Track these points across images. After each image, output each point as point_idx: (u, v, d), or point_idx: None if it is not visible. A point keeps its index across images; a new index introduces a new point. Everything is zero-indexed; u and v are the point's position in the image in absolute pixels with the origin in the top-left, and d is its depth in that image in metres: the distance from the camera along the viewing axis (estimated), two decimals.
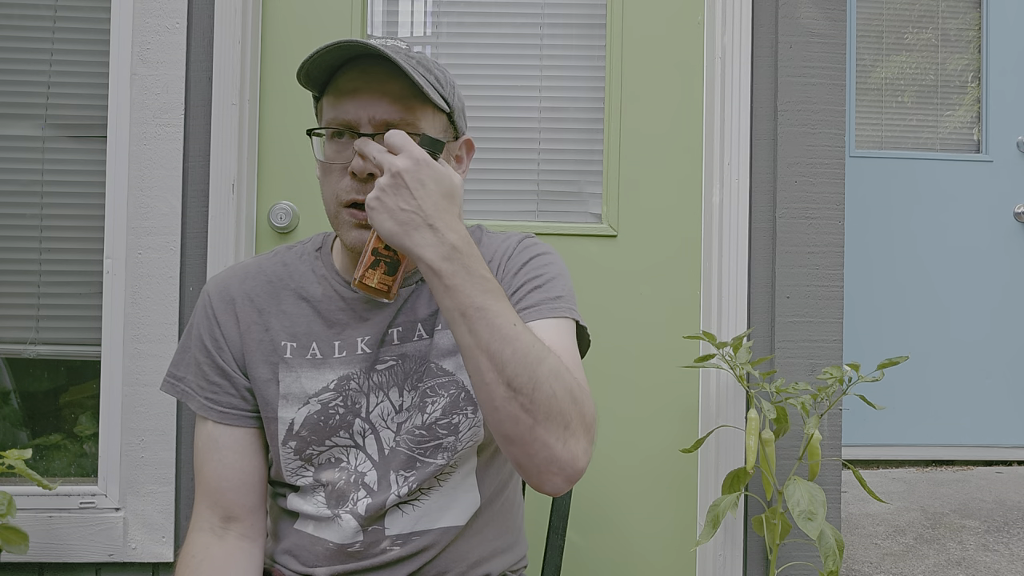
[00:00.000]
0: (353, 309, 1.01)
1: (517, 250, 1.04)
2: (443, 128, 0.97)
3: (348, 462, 0.99)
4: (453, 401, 0.98)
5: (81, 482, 1.66)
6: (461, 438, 0.99)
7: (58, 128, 1.70)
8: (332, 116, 0.93)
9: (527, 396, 0.79)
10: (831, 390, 1.50)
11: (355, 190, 0.91)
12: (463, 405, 0.98)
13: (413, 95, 0.92)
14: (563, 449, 0.82)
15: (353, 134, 0.92)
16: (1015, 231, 2.60)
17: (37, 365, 1.74)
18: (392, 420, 0.99)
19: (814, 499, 1.38)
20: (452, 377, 0.99)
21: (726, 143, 1.67)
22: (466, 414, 0.99)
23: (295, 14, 1.71)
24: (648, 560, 1.69)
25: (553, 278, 1.01)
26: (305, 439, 0.98)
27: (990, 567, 1.84)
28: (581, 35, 1.76)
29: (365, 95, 0.91)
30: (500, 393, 0.80)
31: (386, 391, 0.99)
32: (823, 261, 1.65)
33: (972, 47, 2.64)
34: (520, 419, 0.80)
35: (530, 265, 1.02)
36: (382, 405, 0.99)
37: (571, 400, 0.82)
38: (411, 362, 0.99)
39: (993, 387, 2.58)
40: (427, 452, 0.98)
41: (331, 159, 0.94)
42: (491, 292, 0.81)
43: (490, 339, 0.79)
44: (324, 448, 0.99)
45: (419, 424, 0.98)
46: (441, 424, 0.98)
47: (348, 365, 0.99)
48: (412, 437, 0.98)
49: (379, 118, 0.91)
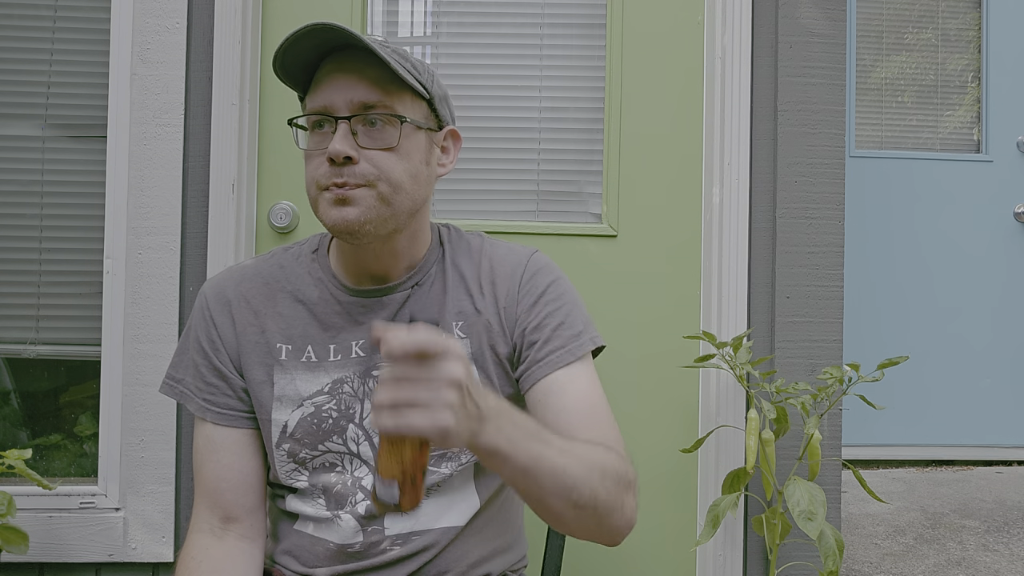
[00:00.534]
0: (348, 312, 1.00)
1: (527, 274, 1.03)
2: (424, 115, 0.97)
3: (344, 468, 0.99)
4: None
5: (81, 482, 1.66)
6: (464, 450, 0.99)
7: (58, 128, 1.70)
8: (311, 105, 0.94)
9: (591, 505, 0.84)
10: (831, 390, 1.50)
11: (334, 175, 0.91)
12: None
13: (390, 80, 0.92)
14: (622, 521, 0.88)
15: (331, 119, 0.92)
16: (1015, 231, 2.60)
17: (37, 365, 1.74)
18: None
19: (814, 499, 1.39)
20: None
21: (726, 143, 1.67)
22: None
23: (295, 14, 1.71)
24: (648, 560, 1.69)
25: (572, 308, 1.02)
26: (299, 441, 0.98)
27: (990, 567, 1.84)
28: (581, 35, 1.76)
29: (341, 79, 0.92)
30: (569, 515, 0.84)
31: None
32: (823, 261, 1.65)
33: (972, 47, 2.64)
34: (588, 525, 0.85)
35: (547, 296, 1.02)
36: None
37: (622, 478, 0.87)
38: None
39: (993, 387, 2.58)
40: (432, 461, 0.98)
41: (312, 148, 0.94)
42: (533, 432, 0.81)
43: (553, 482, 0.80)
44: (318, 453, 0.99)
45: None
46: None
47: (343, 368, 0.99)
48: None
49: (357, 100, 0.91)
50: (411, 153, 0.94)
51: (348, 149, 0.89)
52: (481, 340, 1.00)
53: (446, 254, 1.05)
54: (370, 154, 0.91)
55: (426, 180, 0.98)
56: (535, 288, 1.02)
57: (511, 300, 1.01)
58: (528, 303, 1.01)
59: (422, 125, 0.96)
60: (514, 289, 1.02)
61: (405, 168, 0.93)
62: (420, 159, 0.96)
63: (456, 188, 1.75)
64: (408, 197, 0.95)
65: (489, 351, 1.00)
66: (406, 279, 1.01)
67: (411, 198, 0.95)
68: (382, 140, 0.92)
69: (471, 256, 1.05)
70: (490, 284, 1.03)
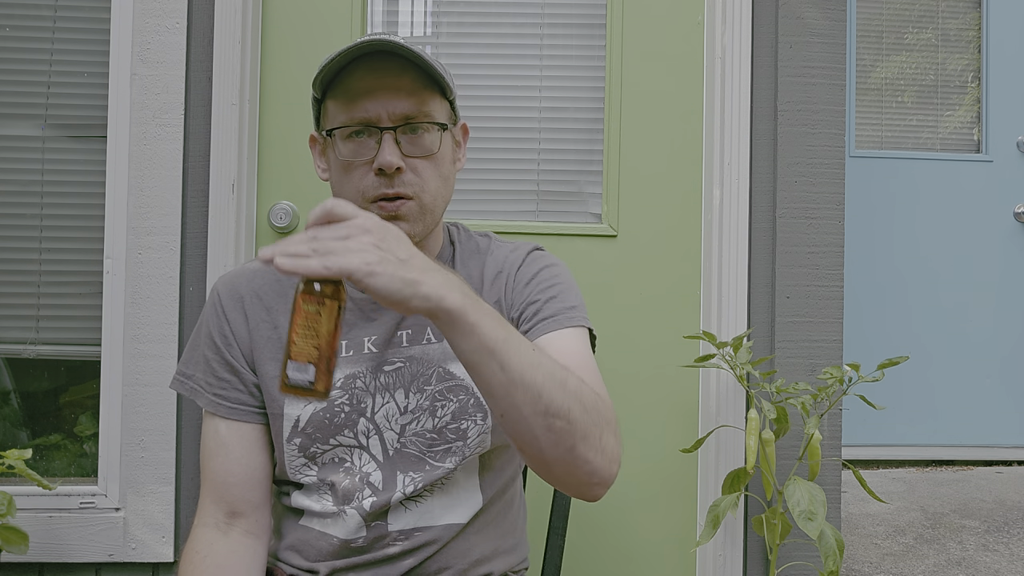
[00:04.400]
0: (360, 309, 1.02)
1: (527, 262, 1.06)
2: (447, 115, 1.01)
3: (352, 463, 0.99)
4: (462, 407, 0.99)
5: (81, 482, 1.66)
6: (470, 444, 0.99)
7: (58, 128, 1.70)
8: (349, 115, 0.95)
9: (564, 418, 0.78)
10: (831, 390, 1.50)
11: (383, 185, 0.94)
12: (472, 411, 0.99)
13: (423, 87, 0.96)
14: (602, 459, 0.82)
15: (373, 130, 0.95)
16: (1015, 231, 2.60)
17: (37, 365, 1.74)
18: (396, 422, 0.99)
19: (814, 499, 1.39)
20: (461, 382, 0.99)
21: (726, 143, 1.67)
22: (475, 420, 0.99)
23: (295, 14, 1.71)
24: (648, 560, 1.69)
25: (566, 288, 1.03)
26: (310, 436, 0.99)
27: (990, 567, 1.84)
28: (581, 35, 1.76)
29: (381, 93, 0.94)
30: (540, 423, 0.78)
31: (392, 392, 0.99)
32: (823, 261, 1.65)
33: (972, 47, 2.64)
34: (561, 442, 0.79)
35: (542, 276, 1.04)
36: (387, 406, 0.99)
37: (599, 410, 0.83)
38: (419, 365, 1.00)
39: (993, 387, 2.58)
40: (437, 455, 0.99)
41: (352, 157, 0.96)
42: (502, 321, 0.78)
43: (523, 368, 0.76)
44: (328, 447, 0.99)
45: (430, 428, 0.98)
46: (451, 429, 0.98)
47: (355, 364, 1.00)
48: (423, 440, 0.98)
49: (398, 112, 0.94)
50: (444, 156, 1.00)
51: (398, 160, 0.93)
52: None
53: (456, 254, 1.08)
54: (413, 162, 0.96)
55: (452, 179, 1.03)
56: (530, 271, 1.04)
57: (509, 288, 1.04)
58: (523, 284, 1.03)
59: (449, 127, 1.00)
60: (511, 279, 1.04)
61: (440, 173, 0.98)
62: (449, 159, 1.02)
63: (456, 188, 1.74)
64: (443, 200, 1.01)
65: None
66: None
67: (444, 200, 1.01)
68: (423, 148, 0.96)
69: (478, 257, 1.08)
70: (492, 282, 1.05)
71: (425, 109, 0.96)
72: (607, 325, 1.69)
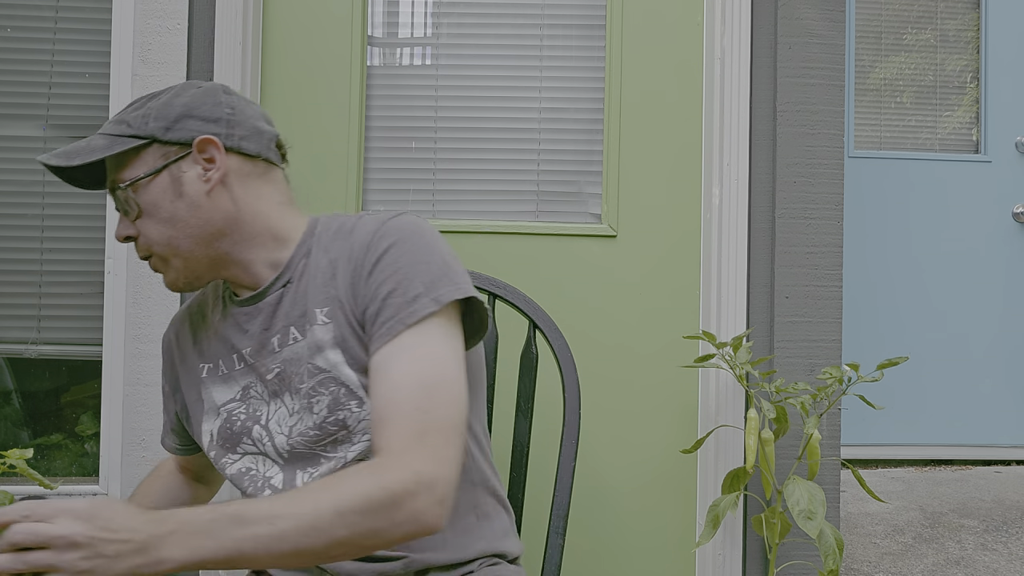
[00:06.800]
0: (237, 322, 1.03)
1: (372, 245, 0.95)
2: (161, 155, 0.95)
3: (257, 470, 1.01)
4: (335, 399, 0.96)
5: (82, 482, 1.67)
6: (353, 432, 0.96)
7: (59, 128, 1.70)
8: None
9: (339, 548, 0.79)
10: (830, 390, 1.51)
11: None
12: (345, 401, 0.95)
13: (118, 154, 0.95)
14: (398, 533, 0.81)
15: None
16: (1014, 231, 2.60)
17: (38, 365, 1.74)
18: (285, 424, 0.99)
19: (813, 498, 1.39)
20: (329, 374, 0.96)
21: (725, 143, 1.67)
22: (350, 409, 0.95)
23: (295, 15, 1.72)
24: (648, 560, 1.70)
25: (410, 270, 0.92)
26: (220, 447, 1.03)
27: (989, 566, 1.85)
28: (581, 36, 1.77)
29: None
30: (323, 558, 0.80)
31: (281, 397, 1.00)
32: (822, 261, 1.66)
33: (971, 47, 2.64)
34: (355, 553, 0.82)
35: (383, 263, 0.94)
36: (280, 411, 1.00)
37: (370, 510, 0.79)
38: (292, 365, 0.98)
39: (992, 387, 2.59)
40: (328, 448, 0.97)
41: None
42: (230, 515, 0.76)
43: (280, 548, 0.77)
44: (237, 456, 1.02)
45: (312, 425, 0.96)
46: (331, 422, 0.96)
47: (247, 375, 1.03)
48: (308, 438, 0.97)
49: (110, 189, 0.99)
50: (157, 203, 0.95)
51: (124, 231, 0.98)
52: (341, 322, 0.96)
53: (313, 245, 1.01)
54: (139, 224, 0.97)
55: (194, 206, 0.96)
56: (373, 256, 0.95)
57: (357, 274, 0.95)
58: (366, 275, 0.94)
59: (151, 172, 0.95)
60: (360, 262, 0.96)
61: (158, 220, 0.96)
62: (168, 199, 0.95)
63: (456, 189, 1.75)
64: (187, 237, 0.96)
65: (350, 332, 0.96)
66: (275, 281, 1.00)
67: (190, 235, 0.96)
68: (132, 212, 0.97)
69: (343, 237, 1.00)
70: (346, 261, 0.97)
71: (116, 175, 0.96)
72: (606, 326, 1.69)
